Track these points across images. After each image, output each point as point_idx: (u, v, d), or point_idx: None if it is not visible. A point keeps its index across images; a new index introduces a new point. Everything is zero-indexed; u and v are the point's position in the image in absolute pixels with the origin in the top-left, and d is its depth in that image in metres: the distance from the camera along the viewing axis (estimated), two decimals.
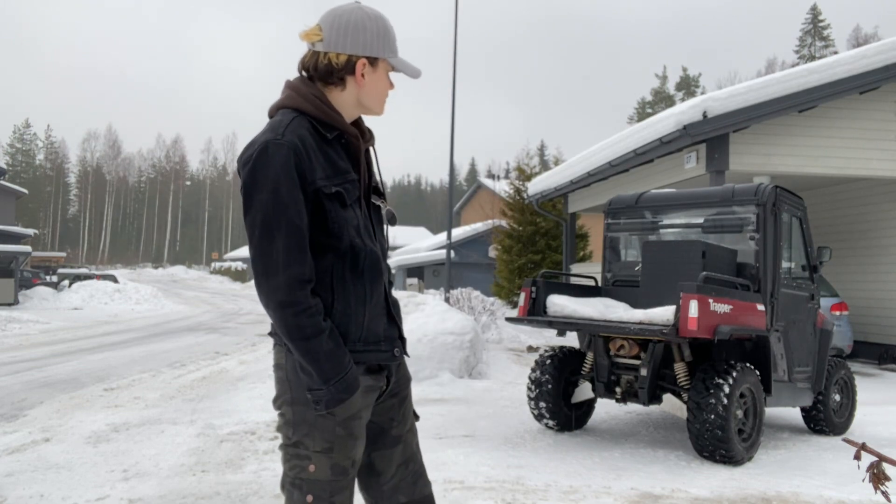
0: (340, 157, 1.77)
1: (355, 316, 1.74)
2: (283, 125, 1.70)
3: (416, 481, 1.93)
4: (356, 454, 1.77)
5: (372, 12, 1.81)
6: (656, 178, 10.94)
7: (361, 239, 1.75)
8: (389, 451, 1.90)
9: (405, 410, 1.94)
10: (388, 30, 1.82)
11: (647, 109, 72.36)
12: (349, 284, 1.74)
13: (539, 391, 5.57)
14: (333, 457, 1.71)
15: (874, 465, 1.60)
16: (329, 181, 1.71)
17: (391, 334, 1.83)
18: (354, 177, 1.78)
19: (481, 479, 4.23)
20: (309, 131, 1.72)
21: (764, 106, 9.03)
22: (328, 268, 1.73)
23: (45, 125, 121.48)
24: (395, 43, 1.83)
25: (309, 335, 1.63)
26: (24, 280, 27.25)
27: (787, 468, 4.75)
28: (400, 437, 1.92)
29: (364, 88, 1.80)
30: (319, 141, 1.74)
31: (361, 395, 1.75)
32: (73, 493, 3.87)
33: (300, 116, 1.73)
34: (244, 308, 24.77)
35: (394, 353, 1.82)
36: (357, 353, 1.74)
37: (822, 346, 5.86)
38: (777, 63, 67.99)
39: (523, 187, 19.79)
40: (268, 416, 6.01)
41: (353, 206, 1.76)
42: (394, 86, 1.87)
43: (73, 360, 9.80)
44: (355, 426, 1.74)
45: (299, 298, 1.63)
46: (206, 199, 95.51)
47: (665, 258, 5.45)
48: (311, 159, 1.69)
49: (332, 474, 1.71)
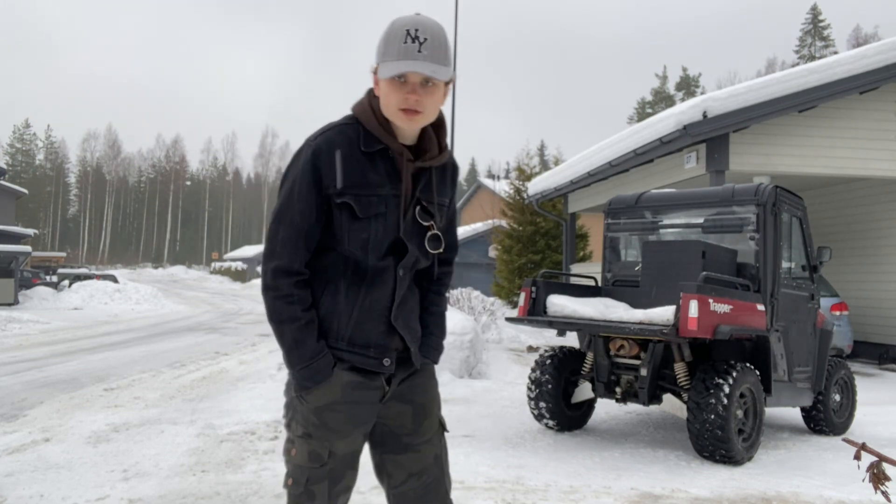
0: (376, 170, 1.75)
1: (340, 315, 1.77)
2: (326, 128, 1.77)
3: (426, 495, 1.89)
4: (336, 447, 1.78)
5: (394, 20, 1.73)
6: (656, 178, 10.94)
7: (365, 252, 1.75)
8: (400, 458, 1.89)
9: (424, 421, 1.90)
10: (392, 32, 1.69)
11: (647, 109, 72.35)
12: (341, 285, 1.78)
13: (539, 391, 5.57)
14: (311, 443, 1.78)
15: (874, 465, 1.61)
16: (344, 190, 1.71)
17: (385, 343, 1.80)
18: (387, 192, 1.75)
19: (481, 479, 4.23)
20: (350, 139, 1.74)
21: (764, 106, 9.03)
22: (327, 265, 1.79)
23: (45, 125, 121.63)
24: (396, 44, 1.67)
25: (282, 320, 1.74)
26: (24, 280, 27.24)
27: (787, 468, 4.75)
28: (412, 447, 1.89)
29: (380, 99, 1.76)
30: (358, 150, 1.74)
31: (342, 390, 1.77)
32: (73, 493, 3.87)
33: (352, 124, 1.77)
34: (244, 308, 24.78)
35: (382, 363, 1.79)
36: (339, 352, 1.77)
37: (822, 346, 5.86)
38: (777, 63, 68.01)
39: (523, 187, 19.78)
40: (268, 416, 6.01)
41: (372, 219, 1.74)
42: (416, 90, 1.69)
43: (73, 360, 9.80)
44: (330, 418, 1.77)
45: (280, 285, 1.73)
46: (206, 199, 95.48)
47: (665, 258, 5.45)
48: (333, 165, 1.71)
49: (308, 460, 1.78)
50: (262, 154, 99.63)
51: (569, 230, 16.51)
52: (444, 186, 1.89)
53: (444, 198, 1.89)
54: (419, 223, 1.81)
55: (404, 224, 1.77)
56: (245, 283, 50.84)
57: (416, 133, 1.80)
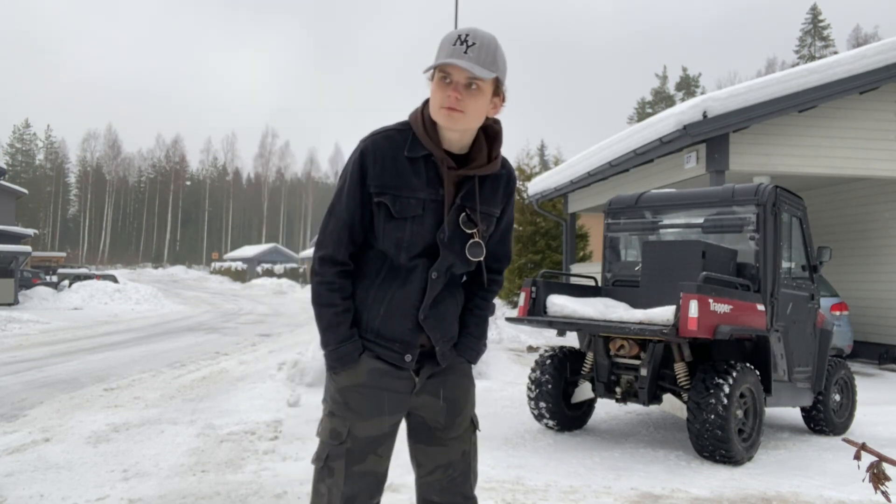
0: (418, 175, 1.84)
1: (370, 308, 1.88)
2: (377, 131, 1.88)
3: (451, 487, 1.98)
4: (356, 428, 1.86)
5: (451, 31, 1.84)
6: (656, 178, 10.94)
7: (398, 250, 1.84)
8: (430, 449, 1.99)
9: (456, 418, 1.98)
10: (446, 38, 1.78)
11: (647, 109, 72.35)
12: (376, 280, 1.89)
13: (539, 391, 5.57)
14: (333, 421, 1.89)
15: (874, 465, 1.61)
16: (382, 190, 1.82)
17: (410, 340, 1.89)
18: (425, 196, 1.83)
19: (481, 478, 4.22)
20: (396, 143, 1.84)
21: (764, 106, 9.03)
22: (367, 260, 1.91)
23: (45, 125, 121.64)
24: (446, 47, 1.75)
25: (322, 304, 1.87)
26: (24, 280, 27.23)
27: (787, 468, 4.75)
28: (442, 441, 1.98)
29: (430, 103, 1.84)
30: (402, 154, 1.84)
31: (368, 375, 1.87)
32: (73, 493, 3.86)
33: (403, 129, 1.87)
34: (244, 308, 24.77)
35: (404, 358, 1.89)
36: (367, 342, 1.89)
37: (822, 346, 5.86)
38: (777, 63, 68.05)
39: (523, 187, 19.78)
40: (268, 416, 6.01)
41: (409, 220, 1.83)
42: (458, 89, 1.75)
43: (73, 360, 9.80)
44: (352, 398, 1.87)
45: (324, 272, 1.87)
46: (206, 199, 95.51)
47: (665, 258, 5.45)
48: (378, 165, 1.82)
49: (329, 437, 1.89)
50: (262, 154, 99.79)
51: (569, 230, 16.51)
52: (493, 196, 1.95)
53: (492, 207, 1.95)
54: (462, 230, 1.88)
55: (447, 229, 1.85)
56: (245, 283, 50.81)
57: (466, 142, 1.87)
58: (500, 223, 2.00)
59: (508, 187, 1.99)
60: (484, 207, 1.91)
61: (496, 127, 1.90)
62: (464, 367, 2.02)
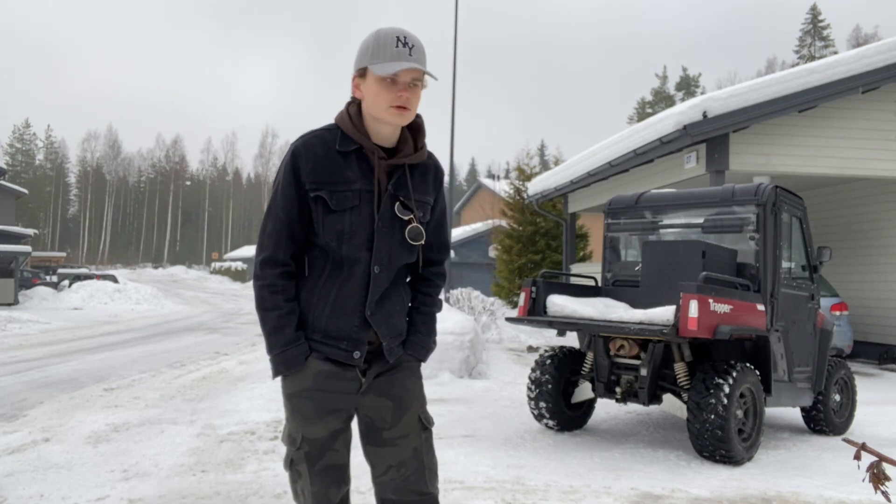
0: (351, 167, 1.90)
1: (315, 308, 1.91)
2: (306, 133, 1.93)
3: (405, 486, 1.98)
4: (308, 431, 1.91)
5: (379, 29, 1.90)
6: (656, 178, 10.94)
7: (340, 242, 1.87)
8: (381, 450, 2.00)
9: (403, 417, 1.99)
10: (381, 39, 1.85)
11: (647, 109, 72.33)
12: (320, 279, 1.92)
13: (539, 391, 5.57)
14: (288, 426, 1.97)
15: (874, 465, 1.60)
16: (318, 185, 1.87)
17: (359, 337, 1.92)
18: (360, 187, 1.89)
19: (481, 479, 4.23)
20: (326, 141, 1.91)
21: (764, 106, 9.03)
22: (309, 261, 1.94)
23: (46, 125, 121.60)
24: (388, 49, 1.83)
25: (265, 307, 1.89)
26: (24, 280, 27.23)
27: (787, 468, 4.75)
28: (390, 441, 1.98)
29: (364, 101, 1.91)
30: (333, 150, 1.90)
31: (314, 378, 1.90)
32: (73, 493, 3.87)
33: (331, 129, 1.94)
34: (244, 308, 24.76)
35: (352, 355, 1.91)
36: (314, 343, 1.91)
37: (822, 346, 5.86)
38: (777, 63, 68.03)
39: (523, 187, 19.79)
40: (268, 416, 6.02)
41: (347, 212, 1.87)
42: (406, 89, 1.85)
43: (73, 360, 9.80)
44: (299, 404, 1.91)
45: (265, 275, 1.90)
46: (206, 199, 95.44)
47: (665, 258, 5.45)
48: (311, 163, 1.87)
49: (289, 443, 1.96)
50: (262, 154, 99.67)
51: (569, 230, 16.51)
52: (425, 185, 2.01)
53: (425, 195, 2.01)
54: (398, 217, 1.93)
55: (379, 216, 1.89)
56: (245, 283, 50.84)
57: (394, 135, 1.95)
58: (433, 211, 2.06)
59: (437, 177, 2.06)
60: (417, 195, 1.98)
61: (418, 120, 1.99)
62: (412, 366, 2.05)
